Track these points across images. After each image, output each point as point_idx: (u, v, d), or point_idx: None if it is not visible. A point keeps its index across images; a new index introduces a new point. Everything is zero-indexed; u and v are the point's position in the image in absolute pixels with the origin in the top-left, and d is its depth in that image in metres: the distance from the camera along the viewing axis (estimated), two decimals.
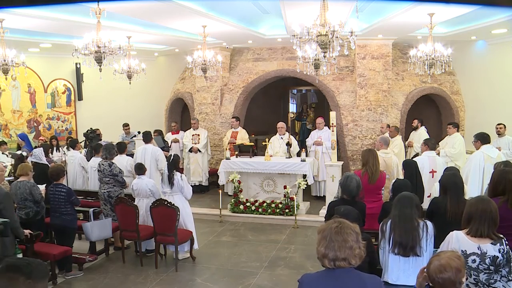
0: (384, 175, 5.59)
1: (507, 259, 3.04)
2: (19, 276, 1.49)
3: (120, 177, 6.77)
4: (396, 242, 3.44)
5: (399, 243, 3.43)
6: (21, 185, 5.68)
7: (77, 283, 5.73)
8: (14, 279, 1.46)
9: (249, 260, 6.34)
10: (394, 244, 3.45)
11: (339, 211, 3.62)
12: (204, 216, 8.34)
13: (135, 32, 8.51)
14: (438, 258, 2.40)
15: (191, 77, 11.34)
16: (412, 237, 3.40)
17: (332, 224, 2.30)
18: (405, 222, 3.44)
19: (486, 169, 6.35)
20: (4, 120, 10.57)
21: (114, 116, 11.58)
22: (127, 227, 6.25)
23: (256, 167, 8.45)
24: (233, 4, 7.32)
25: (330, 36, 4.95)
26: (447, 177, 4.10)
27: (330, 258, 2.24)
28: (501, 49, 9.16)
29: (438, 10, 6.65)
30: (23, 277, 1.51)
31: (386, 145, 6.68)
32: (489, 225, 3.05)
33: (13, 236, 4.91)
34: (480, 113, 9.73)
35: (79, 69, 11.37)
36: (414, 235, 3.41)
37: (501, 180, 3.80)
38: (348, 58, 10.24)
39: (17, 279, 1.47)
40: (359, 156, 9.44)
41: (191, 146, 10.15)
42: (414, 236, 3.40)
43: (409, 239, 3.40)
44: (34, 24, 7.54)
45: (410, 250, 3.41)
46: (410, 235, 3.41)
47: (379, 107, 9.99)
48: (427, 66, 7.01)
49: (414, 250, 3.40)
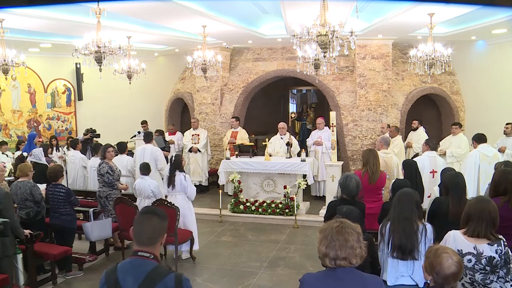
0: (385, 175, 5.59)
1: (505, 260, 3.02)
2: (154, 215, 2.23)
3: (107, 177, 6.67)
4: (395, 246, 3.40)
5: (398, 247, 3.39)
6: (22, 185, 5.67)
7: (77, 283, 5.72)
8: (151, 217, 2.22)
9: (249, 260, 6.33)
10: (393, 248, 3.42)
11: (341, 211, 3.60)
12: (204, 216, 8.34)
13: (135, 32, 8.51)
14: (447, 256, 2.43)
15: (191, 77, 11.35)
16: (411, 241, 3.37)
17: (334, 224, 2.30)
18: (404, 225, 3.41)
19: (482, 168, 6.38)
20: (4, 120, 10.57)
21: (114, 116, 11.60)
22: (127, 227, 6.23)
23: (256, 167, 8.45)
24: (233, 4, 7.31)
25: (330, 36, 4.95)
26: (449, 177, 4.08)
27: (331, 257, 2.24)
28: (501, 49, 9.17)
29: (438, 10, 6.65)
30: (156, 216, 2.23)
31: (387, 145, 6.68)
32: (487, 226, 3.04)
33: (13, 236, 4.91)
34: (480, 113, 9.74)
35: (79, 69, 11.37)
36: (413, 239, 3.37)
37: (502, 180, 3.80)
38: (348, 58, 10.25)
39: (152, 217, 2.22)
40: (359, 156, 9.46)
41: (191, 146, 10.15)
42: (413, 240, 3.37)
43: (408, 243, 3.36)
44: (34, 24, 7.54)
45: (409, 254, 3.37)
46: (409, 239, 3.37)
47: (379, 107, 9.99)
48: (427, 66, 7.01)
49: (412, 254, 3.37)
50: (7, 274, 4.66)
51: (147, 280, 2.10)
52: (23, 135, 10.71)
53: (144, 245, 2.19)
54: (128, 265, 2.19)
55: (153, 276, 2.11)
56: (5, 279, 4.55)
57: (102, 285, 2.21)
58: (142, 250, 2.19)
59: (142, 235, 2.20)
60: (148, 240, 2.19)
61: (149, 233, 2.20)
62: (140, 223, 2.23)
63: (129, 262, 2.19)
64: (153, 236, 2.20)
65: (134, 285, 2.11)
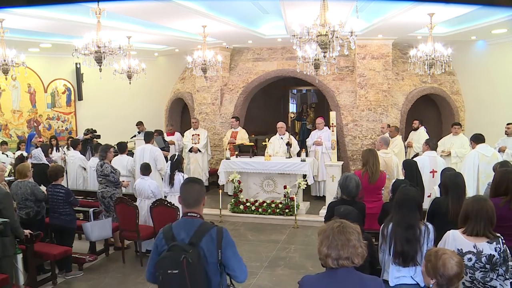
0: (384, 175, 5.58)
1: (504, 258, 3.04)
2: (195, 183, 2.84)
3: (112, 176, 6.69)
4: (397, 252, 3.34)
5: (400, 254, 3.34)
6: (22, 185, 5.68)
7: (77, 283, 5.72)
8: (193, 185, 2.83)
9: (249, 260, 6.33)
10: (395, 254, 3.36)
11: (338, 211, 3.59)
12: (204, 216, 8.16)
13: (135, 32, 8.51)
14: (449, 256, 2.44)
15: (191, 77, 11.35)
16: (413, 247, 3.31)
17: (334, 224, 2.30)
18: (407, 233, 3.33)
19: (481, 168, 6.38)
20: (4, 120, 10.57)
21: (114, 116, 11.60)
22: (127, 227, 6.24)
23: (256, 167, 8.45)
24: (233, 4, 7.31)
25: (330, 36, 4.96)
26: (449, 177, 4.07)
27: (333, 257, 2.23)
28: (501, 49, 9.17)
29: (438, 10, 6.65)
30: (197, 183, 2.85)
31: (387, 145, 6.68)
32: (485, 224, 3.05)
33: (13, 236, 4.91)
34: (480, 113, 9.74)
35: (79, 69, 11.37)
36: (415, 247, 3.31)
37: (503, 181, 3.80)
38: (348, 58, 10.25)
39: (194, 184, 2.83)
40: (359, 156, 9.46)
41: (191, 146, 10.15)
42: (415, 247, 3.32)
43: (410, 249, 3.31)
44: (34, 24, 7.54)
45: (411, 260, 3.33)
46: (411, 245, 3.31)
47: (379, 107, 9.99)
48: (427, 66, 7.01)
49: (414, 260, 3.32)
50: (7, 274, 4.66)
51: (196, 233, 2.70)
52: (23, 135, 10.71)
53: (191, 207, 2.80)
54: (181, 223, 2.80)
55: (201, 230, 2.72)
56: (5, 279, 4.55)
57: (160, 240, 2.77)
58: (191, 211, 2.80)
59: (189, 199, 2.80)
60: (194, 202, 2.81)
61: (194, 196, 2.81)
62: (186, 190, 2.82)
63: (181, 221, 2.82)
64: (197, 198, 2.82)
65: (186, 238, 2.69)
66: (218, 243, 2.69)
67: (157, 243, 2.80)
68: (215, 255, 2.68)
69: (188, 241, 2.67)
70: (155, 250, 2.78)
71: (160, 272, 2.62)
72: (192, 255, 2.58)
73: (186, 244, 2.65)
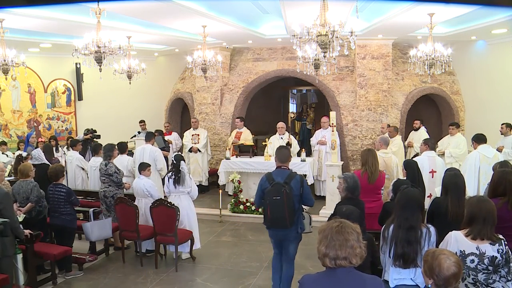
0: (384, 175, 5.59)
1: (506, 260, 3.02)
2: (284, 148, 4.80)
3: (115, 177, 6.70)
4: (398, 255, 3.33)
5: (400, 256, 3.32)
6: (24, 185, 5.68)
7: (77, 283, 5.72)
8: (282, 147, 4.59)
9: (249, 260, 6.33)
10: (395, 257, 3.35)
11: (340, 211, 3.59)
12: (204, 216, 8.33)
13: (135, 32, 8.51)
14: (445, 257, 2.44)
15: (191, 77, 11.35)
16: (413, 249, 3.30)
17: (333, 224, 2.30)
18: (408, 235, 3.32)
19: (482, 169, 6.36)
20: (4, 120, 10.57)
21: (114, 116, 11.60)
22: (127, 227, 6.24)
23: (256, 167, 8.45)
24: (233, 4, 7.31)
25: (330, 36, 4.96)
26: (448, 178, 4.06)
27: (331, 257, 2.23)
28: (501, 49, 9.17)
29: (438, 10, 6.65)
30: (285, 148, 4.69)
31: (386, 145, 6.68)
32: (491, 227, 3.01)
33: (13, 236, 4.90)
34: (480, 113, 9.74)
35: (79, 69, 11.37)
36: (416, 249, 3.30)
37: (501, 181, 3.77)
38: (348, 58, 10.25)
39: (284, 148, 4.80)
40: (359, 156, 9.42)
41: (191, 146, 10.15)
42: (416, 249, 3.30)
43: (411, 252, 3.29)
44: (34, 24, 7.54)
45: (411, 262, 3.32)
46: (412, 248, 3.30)
47: (379, 107, 9.99)
48: (427, 66, 7.01)
49: (415, 262, 3.31)
50: (7, 274, 4.66)
51: (288, 177, 4.55)
52: (23, 135, 10.72)
53: (283, 162, 4.70)
54: (277, 172, 4.67)
55: (290, 176, 4.58)
56: (5, 279, 4.55)
57: (264, 181, 4.63)
58: (283, 165, 4.68)
59: (283, 158, 4.70)
60: (286, 159, 4.72)
61: (285, 155, 4.72)
62: (281, 152, 4.73)
63: (277, 171, 4.67)
64: (287, 157, 4.73)
65: (281, 180, 4.53)
66: (301, 183, 4.56)
67: (261, 183, 4.64)
68: (298, 190, 4.53)
69: (283, 182, 4.49)
70: (260, 188, 4.65)
71: (267, 198, 4.51)
72: (287, 188, 4.45)
73: (282, 183, 4.48)
